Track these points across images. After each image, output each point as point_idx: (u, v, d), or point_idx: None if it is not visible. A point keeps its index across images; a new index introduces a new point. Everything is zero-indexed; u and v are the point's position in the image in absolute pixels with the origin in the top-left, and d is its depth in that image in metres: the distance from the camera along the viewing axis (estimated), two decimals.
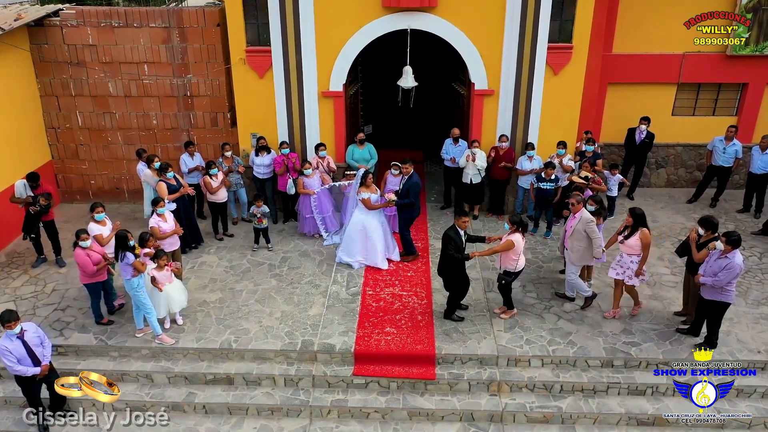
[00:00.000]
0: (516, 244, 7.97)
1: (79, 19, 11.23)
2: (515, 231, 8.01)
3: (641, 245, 7.94)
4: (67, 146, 12.19)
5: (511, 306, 8.62)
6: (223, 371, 8.02)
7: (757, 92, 12.34)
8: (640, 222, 7.97)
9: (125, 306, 8.84)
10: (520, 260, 8.14)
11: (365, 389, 7.90)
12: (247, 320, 8.67)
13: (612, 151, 12.81)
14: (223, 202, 10.83)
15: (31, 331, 6.95)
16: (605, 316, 8.65)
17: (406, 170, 9.82)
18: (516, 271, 8.21)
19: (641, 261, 8.04)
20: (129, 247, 7.84)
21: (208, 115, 11.92)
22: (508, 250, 8.01)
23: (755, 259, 10.23)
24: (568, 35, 10.65)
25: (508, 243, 8.00)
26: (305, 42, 10.70)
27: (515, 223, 8.01)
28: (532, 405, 7.68)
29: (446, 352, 8.03)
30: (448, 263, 8.17)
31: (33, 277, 9.85)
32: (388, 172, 10.44)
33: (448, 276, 8.36)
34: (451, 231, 8.07)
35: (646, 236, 7.90)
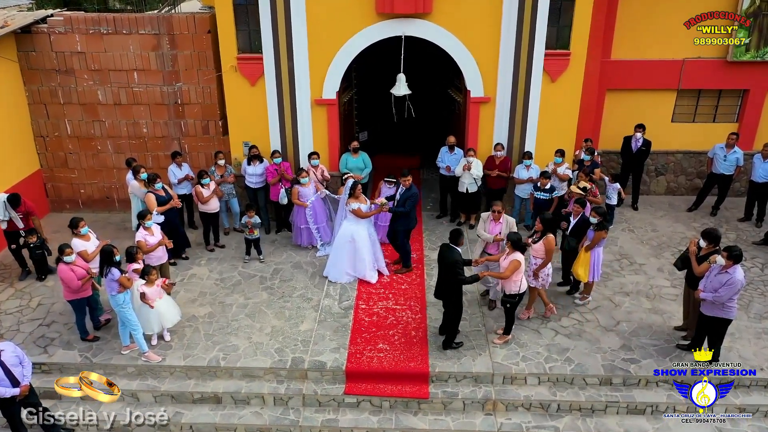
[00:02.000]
0: (522, 263, 7.66)
1: (67, 26, 11.01)
2: (514, 249, 7.69)
3: (545, 250, 8.07)
4: (56, 155, 11.98)
5: (509, 331, 8.28)
6: (210, 390, 7.80)
7: (759, 99, 12.13)
8: (548, 228, 8.16)
9: (111, 322, 8.63)
10: (523, 281, 7.83)
11: (357, 408, 7.69)
12: (236, 336, 8.46)
13: (611, 158, 12.60)
14: (215, 213, 10.62)
15: (8, 351, 6.71)
16: (520, 317, 8.56)
17: (405, 183, 9.59)
18: (520, 293, 7.86)
19: (541, 264, 8.17)
20: (114, 263, 7.63)
21: (199, 123, 11.71)
22: (516, 271, 7.66)
23: (757, 270, 10.01)
24: (565, 41, 10.46)
25: (515, 264, 7.62)
26: (297, 49, 10.50)
27: (515, 243, 7.70)
28: (528, 425, 7.46)
29: (440, 370, 7.82)
30: (451, 286, 7.80)
31: (19, 290, 9.64)
32: (382, 183, 10.24)
33: (448, 298, 7.97)
34: (456, 254, 7.70)
35: (550, 242, 8.11)
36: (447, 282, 7.81)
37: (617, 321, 8.70)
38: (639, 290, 9.46)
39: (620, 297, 9.27)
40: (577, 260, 8.73)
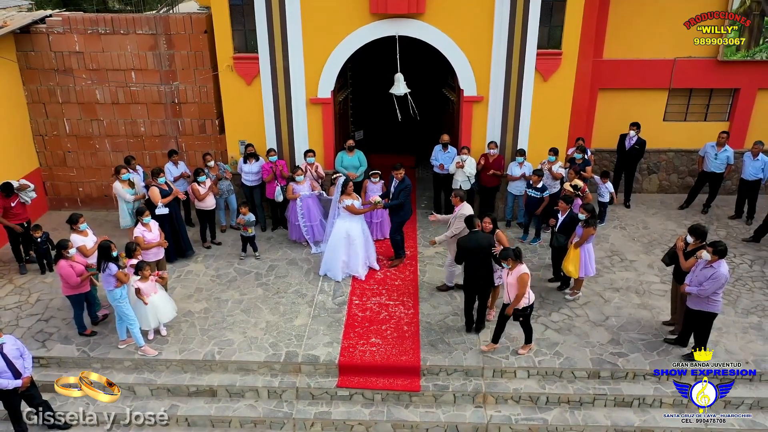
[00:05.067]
0: (529, 274, 7.47)
1: (65, 26, 11.16)
2: (517, 263, 7.45)
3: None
4: (55, 153, 12.12)
5: (530, 340, 8.12)
6: (206, 383, 7.94)
7: (749, 98, 12.27)
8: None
9: (109, 317, 8.77)
10: (531, 294, 7.70)
11: (349, 401, 7.83)
12: (231, 331, 8.60)
13: (604, 156, 12.74)
14: (212, 210, 10.77)
15: (9, 344, 6.87)
16: (488, 319, 8.63)
17: (398, 176, 9.76)
18: (530, 305, 7.70)
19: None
20: (112, 258, 7.77)
21: (196, 122, 11.85)
22: (526, 286, 7.48)
23: (746, 266, 10.15)
24: (557, 41, 10.59)
25: (524, 278, 7.37)
26: (293, 49, 10.64)
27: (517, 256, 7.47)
28: (517, 417, 7.60)
29: (431, 364, 7.96)
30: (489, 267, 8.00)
31: (18, 286, 9.78)
32: (367, 181, 10.40)
33: (487, 278, 8.11)
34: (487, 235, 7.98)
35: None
36: (486, 262, 7.99)
37: (606, 316, 8.84)
38: (629, 286, 9.60)
39: (610, 293, 9.42)
40: (567, 257, 8.87)
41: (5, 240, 10.32)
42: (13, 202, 9.67)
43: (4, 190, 9.56)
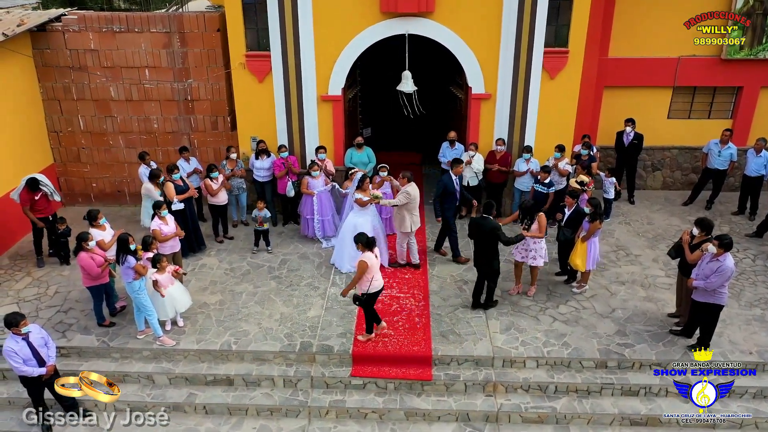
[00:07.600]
0: (367, 264, 7.87)
1: (81, 24, 11.36)
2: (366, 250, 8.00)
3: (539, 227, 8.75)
4: (69, 150, 12.33)
5: (371, 330, 8.46)
6: (223, 372, 8.15)
7: (752, 96, 12.46)
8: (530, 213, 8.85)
9: (127, 308, 8.98)
10: (377, 282, 8.15)
11: (363, 390, 8.03)
12: (246, 322, 8.80)
13: (609, 153, 12.92)
14: (224, 205, 10.96)
15: (35, 332, 7.07)
16: (510, 292, 9.29)
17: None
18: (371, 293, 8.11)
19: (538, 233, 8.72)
20: (130, 251, 7.97)
21: (208, 118, 12.05)
22: (362, 272, 7.94)
23: (749, 261, 10.34)
24: (564, 40, 10.77)
25: (361, 265, 7.90)
26: (304, 47, 10.83)
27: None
28: (527, 405, 7.80)
29: (443, 354, 8.15)
30: (491, 252, 8.53)
31: (36, 279, 9.99)
32: (377, 177, 10.62)
33: (489, 263, 8.62)
34: (494, 222, 8.46)
35: (541, 219, 8.77)
36: (486, 249, 8.54)
37: (613, 308, 9.04)
38: (634, 279, 9.80)
39: (616, 286, 9.61)
40: (575, 251, 9.06)
41: (23, 233, 10.50)
42: (36, 196, 9.86)
43: (30, 185, 9.75)
